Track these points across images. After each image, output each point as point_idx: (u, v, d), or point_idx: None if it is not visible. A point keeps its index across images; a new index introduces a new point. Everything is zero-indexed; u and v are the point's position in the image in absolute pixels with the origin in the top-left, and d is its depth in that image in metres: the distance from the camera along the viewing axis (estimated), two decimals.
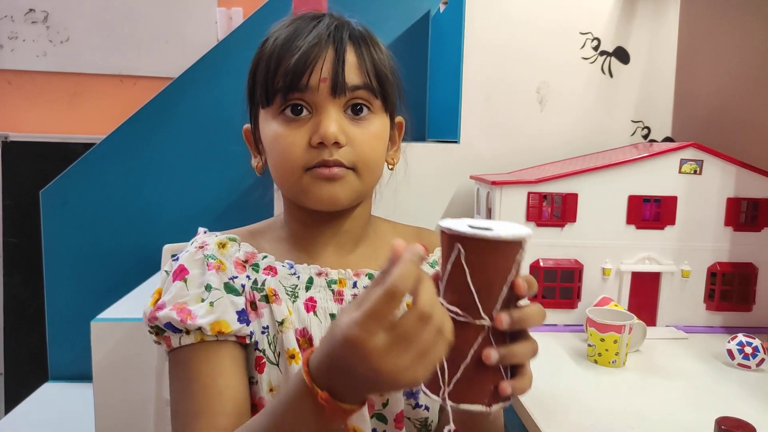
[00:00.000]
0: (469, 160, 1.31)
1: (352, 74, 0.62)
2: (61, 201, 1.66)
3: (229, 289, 0.65)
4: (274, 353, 0.65)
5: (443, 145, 1.34)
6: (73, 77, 2.16)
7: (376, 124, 0.65)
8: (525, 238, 0.45)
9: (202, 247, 0.67)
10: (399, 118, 0.72)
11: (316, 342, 0.65)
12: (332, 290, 0.68)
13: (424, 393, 0.47)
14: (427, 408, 0.70)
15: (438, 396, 0.46)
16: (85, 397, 1.46)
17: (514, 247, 0.44)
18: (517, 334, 0.47)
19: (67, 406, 1.60)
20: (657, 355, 0.99)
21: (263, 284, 0.66)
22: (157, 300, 0.64)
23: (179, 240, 1.18)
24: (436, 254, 0.74)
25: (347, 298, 0.67)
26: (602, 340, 0.93)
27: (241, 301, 0.64)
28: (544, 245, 1.09)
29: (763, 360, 0.93)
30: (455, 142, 1.33)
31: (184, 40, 2.12)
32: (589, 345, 0.96)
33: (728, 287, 1.10)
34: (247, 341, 0.64)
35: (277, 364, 0.65)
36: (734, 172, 1.08)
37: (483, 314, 0.45)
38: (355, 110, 0.63)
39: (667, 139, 1.30)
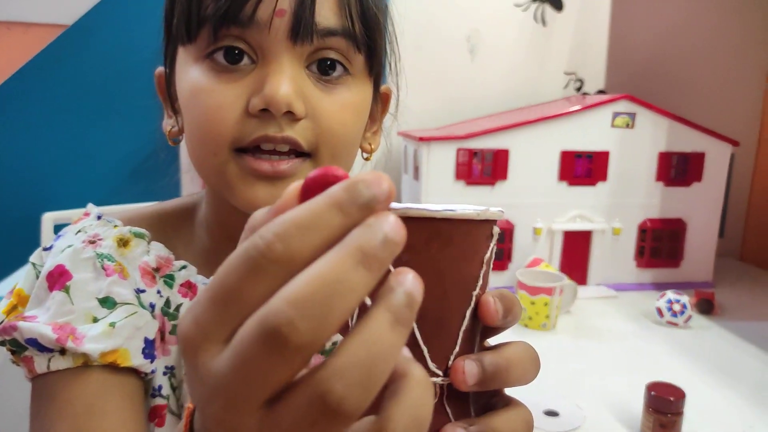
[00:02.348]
0: (399, 115, 1.22)
1: (326, 10, 0.41)
2: None
3: (140, 304, 0.46)
4: (177, 402, 0.48)
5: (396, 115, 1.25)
6: None
7: (355, 92, 0.44)
8: (496, 216, 0.28)
9: (94, 242, 0.47)
10: (385, 87, 0.53)
11: None
12: None
13: None
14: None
15: None
16: None
17: (478, 233, 0.27)
18: (491, 393, 0.29)
19: None
20: (588, 316, 0.97)
21: (178, 310, 0.47)
22: (14, 306, 0.46)
23: (65, 207, 1.04)
24: None
25: None
26: (532, 303, 0.89)
27: (154, 328, 0.46)
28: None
29: (690, 317, 0.92)
30: None
31: None
32: None
33: (658, 244, 1.09)
34: (144, 377, 0.46)
35: (179, 416, 0.47)
36: (666, 125, 1.05)
37: (431, 365, 0.26)
38: (325, 67, 0.42)
39: (601, 92, 1.26)
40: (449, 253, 0.25)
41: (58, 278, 0.44)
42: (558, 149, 1.02)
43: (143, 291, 0.46)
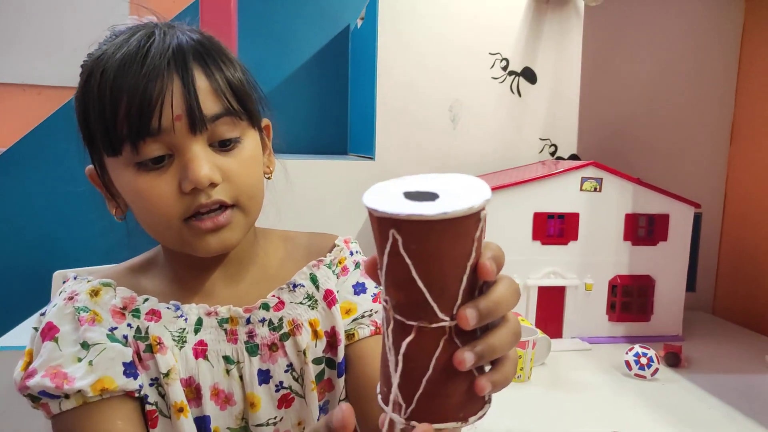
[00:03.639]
0: (384, 176, 1.30)
1: (209, 102, 0.54)
2: None
3: (113, 339, 0.58)
4: (165, 405, 0.59)
5: (359, 162, 1.34)
6: None
7: (248, 147, 0.58)
8: (483, 205, 0.33)
9: (72, 298, 0.59)
10: (265, 121, 0.65)
11: (205, 390, 0.60)
12: (224, 330, 0.62)
13: (383, 408, 0.38)
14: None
15: (400, 416, 0.37)
16: None
17: (468, 223, 0.33)
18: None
19: None
20: (561, 367, 1.02)
21: (147, 332, 0.59)
22: (29, 363, 0.57)
23: (75, 266, 1.11)
24: (333, 255, 0.69)
25: (242, 337, 0.62)
26: None
27: (128, 352, 0.57)
28: None
29: (657, 369, 0.98)
30: (371, 158, 1.32)
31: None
32: None
33: (628, 299, 1.16)
34: (136, 395, 0.58)
35: (169, 417, 0.59)
36: (631, 189, 1.13)
37: (441, 314, 0.34)
38: (223, 143, 0.56)
39: (573, 156, 1.35)
40: (446, 239, 0.33)
41: (48, 332, 0.57)
42: (531, 210, 1.10)
43: (116, 328, 0.58)
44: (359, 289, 0.68)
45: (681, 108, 1.39)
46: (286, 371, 0.62)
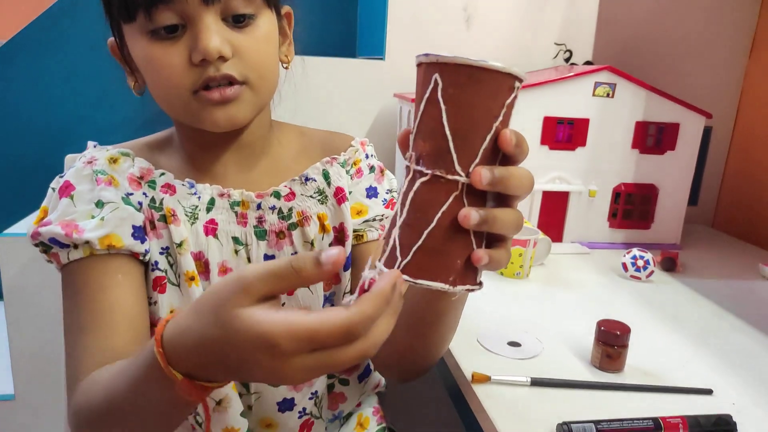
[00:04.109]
0: (394, 77, 1.29)
1: None
2: None
3: (127, 202, 0.60)
4: (175, 274, 0.62)
5: (369, 62, 1.32)
6: None
7: (263, 27, 0.58)
8: (519, 74, 0.37)
9: (91, 162, 0.61)
10: (286, 8, 0.65)
11: (213, 266, 0.62)
12: (235, 212, 0.64)
13: (379, 268, 0.40)
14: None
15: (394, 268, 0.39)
16: None
17: (504, 82, 0.36)
18: (496, 201, 0.40)
19: None
20: (559, 268, 1.06)
21: (161, 203, 0.61)
22: (42, 218, 0.60)
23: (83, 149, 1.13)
24: (348, 154, 0.71)
25: (251, 221, 0.64)
26: None
27: (140, 217, 0.60)
28: None
29: (652, 272, 1.01)
30: (381, 59, 1.30)
31: None
32: None
33: (630, 207, 1.17)
34: (141, 258, 0.60)
35: (178, 285, 0.62)
36: (644, 96, 1.12)
37: (458, 167, 0.36)
38: (237, 18, 0.56)
39: (588, 63, 1.32)
40: (480, 90, 0.35)
41: (65, 190, 0.59)
42: (541, 115, 1.10)
43: (132, 194, 0.61)
44: (371, 193, 0.70)
45: (702, 17, 1.34)
46: None
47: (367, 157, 0.72)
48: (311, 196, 0.67)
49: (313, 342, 0.34)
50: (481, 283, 0.40)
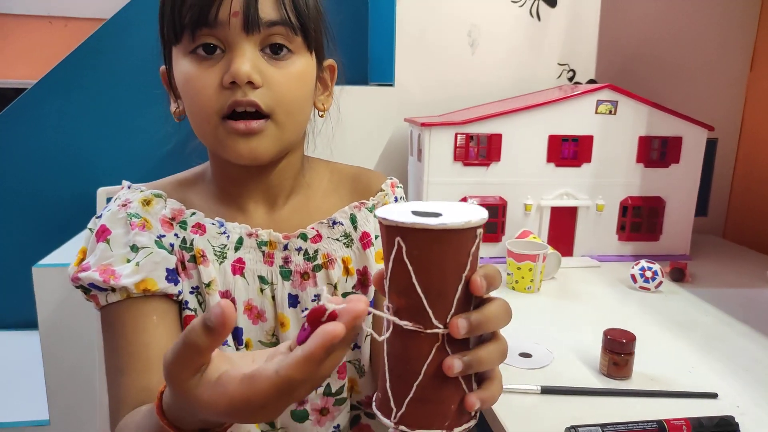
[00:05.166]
0: (404, 102, 1.35)
1: (268, 8, 0.56)
2: None
3: (160, 245, 0.62)
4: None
5: (379, 89, 1.37)
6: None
7: (298, 65, 0.59)
8: (479, 223, 0.37)
9: (125, 205, 0.63)
10: (330, 61, 0.68)
11: (239, 304, 0.64)
12: (262, 252, 0.65)
13: (376, 415, 0.41)
14: (358, 347, 0.70)
15: (390, 420, 0.40)
16: (33, 345, 1.48)
17: (467, 236, 0.37)
18: (479, 336, 0.41)
19: (14, 354, 1.62)
20: (570, 281, 1.09)
21: (191, 244, 0.63)
22: (82, 260, 0.62)
23: (115, 183, 1.19)
24: (377, 199, 0.71)
25: (278, 261, 0.66)
26: (519, 268, 1.01)
27: (172, 260, 0.62)
28: (470, 184, 1.15)
29: (661, 282, 1.04)
30: (391, 85, 1.36)
31: None
32: (508, 274, 1.04)
33: (638, 219, 1.20)
34: (174, 299, 0.62)
35: None
36: (646, 111, 1.15)
37: (435, 321, 0.37)
38: (274, 50, 0.58)
39: (591, 81, 1.36)
40: (444, 249, 0.36)
41: (102, 234, 0.62)
42: (546, 133, 1.14)
43: (164, 236, 0.63)
44: None
45: (702, 31, 1.38)
46: (313, 300, 0.66)
47: (396, 200, 0.72)
48: (337, 239, 0.68)
49: (251, 404, 0.35)
50: (476, 415, 0.41)
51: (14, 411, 1.39)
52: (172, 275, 0.62)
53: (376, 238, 0.69)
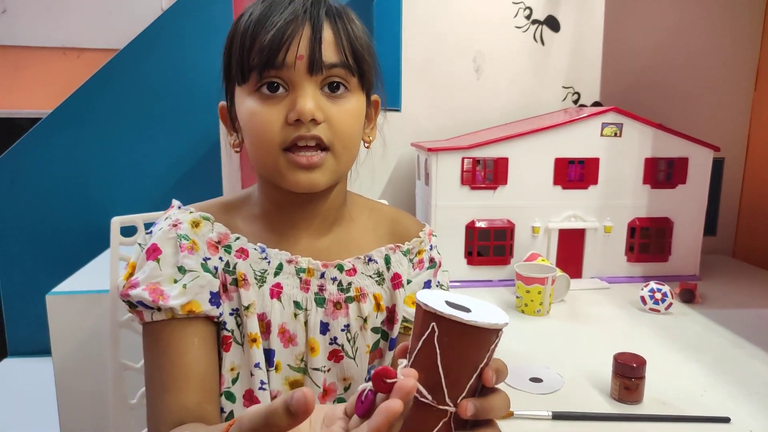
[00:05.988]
0: (411, 127, 1.37)
1: (329, 51, 0.61)
2: (9, 177, 1.65)
3: (206, 269, 0.65)
4: (241, 334, 0.67)
5: (387, 114, 1.39)
6: (13, 50, 2.11)
7: (353, 102, 0.64)
8: (502, 326, 0.43)
9: (176, 225, 0.66)
10: (375, 96, 0.72)
11: (274, 327, 0.67)
12: (300, 278, 0.68)
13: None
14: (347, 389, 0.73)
15: None
16: (46, 371, 1.49)
17: (491, 335, 0.43)
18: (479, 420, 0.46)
19: (28, 381, 1.63)
20: (579, 304, 1.09)
21: (234, 267, 0.66)
22: (131, 274, 0.65)
23: (127, 213, 1.21)
24: (412, 244, 0.75)
25: (313, 288, 0.69)
26: (528, 291, 1.02)
27: (216, 283, 0.65)
28: (478, 207, 1.16)
29: (671, 304, 1.03)
30: (397, 110, 1.37)
31: (128, 10, 2.09)
32: (517, 297, 1.04)
33: (646, 240, 1.20)
34: (215, 320, 0.65)
35: (242, 345, 0.67)
36: (651, 133, 1.16)
37: (448, 399, 0.43)
38: (332, 88, 0.62)
39: (596, 104, 1.38)
40: (470, 342, 0.42)
41: (152, 252, 0.65)
42: (552, 156, 1.15)
43: (209, 258, 0.66)
44: (426, 286, 0.76)
45: (706, 52, 1.39)
46: (342, 330, 0.68)
47: (431, 248, 0.77)
48: (371, 276, 0.71)
49: None
50: None
51: None
52: (215, 298, 0.65)
53: (409, 282, 0.73)
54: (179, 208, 0.70)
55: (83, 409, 1.36)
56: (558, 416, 0.69)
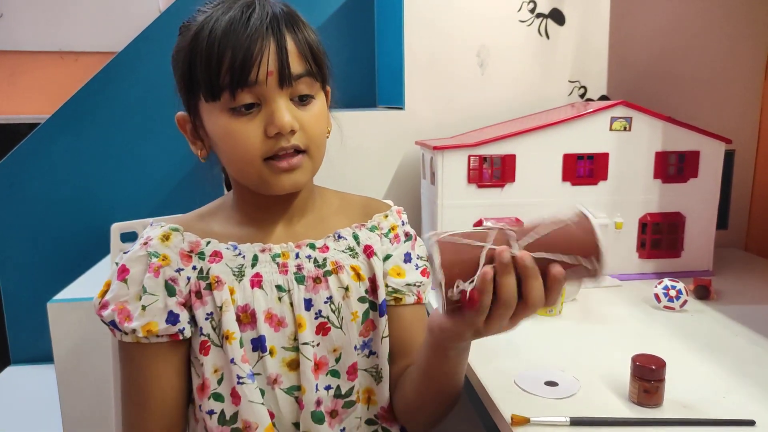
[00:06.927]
0: (415, 125, 1.34)
1: (295, 63, 0.65)
2: (8, 183, 1.63)
3: (168, 289, 0.68)
4: (218, 336, 0.69)
5: (389, 112, 1.37)
6: (10, 55, 2.09)
7: (319, 105, 0.69)
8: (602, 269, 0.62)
9: (146, 243, 0.69)
10: (326, 89, 0.75)
11: (259, 315, 0.70)
12: (277, 263, 0.72)
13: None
14: (374, 353, 0.75)
15: None
16: (49, 379, 1.48)
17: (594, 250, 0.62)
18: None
19: (30, 388, 1.62)
20: (592, 302, 1.06)
21: (208, 272, 0.70)
22: (105, 292, 0.69)
23: (128, 218, 1.19)
24: (375, 220, 0.80)
25: (291, 269, 0.72)
26: None
27: (172, 302, 0.68)
28: (485, 206, 1.13)
29: (686, 301, 1.01)
30: (401, 108, 1.35)
31: (125, 13, 2.07)
32: None
33: (658, 236, 1.18)
34: (180, 337, 0.68)
35: (221, 346, 0.69)
36: (661, 127, 1.14)
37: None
38: (301, 98, 0.67)
39: (603, 97, 1.35)
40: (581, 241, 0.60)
41: (121, 273, 0.69)
42: (561, 152, 1.12)
43: (182, 269, 0.69)
44: (407, 258, 0.80)
45: (713, 42, 1.36)
46: (325, 302, 0.72)
47: (402, 224, 0.82)
48: (343, 251, 0.75)
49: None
50: None
51: None
52: (171, 316, 0.68)
53: (390, 256, 0.78)
54: (151, 225, 0.73)
55: (86, 417, 1.35)
56: (576, 422, 0.66)
